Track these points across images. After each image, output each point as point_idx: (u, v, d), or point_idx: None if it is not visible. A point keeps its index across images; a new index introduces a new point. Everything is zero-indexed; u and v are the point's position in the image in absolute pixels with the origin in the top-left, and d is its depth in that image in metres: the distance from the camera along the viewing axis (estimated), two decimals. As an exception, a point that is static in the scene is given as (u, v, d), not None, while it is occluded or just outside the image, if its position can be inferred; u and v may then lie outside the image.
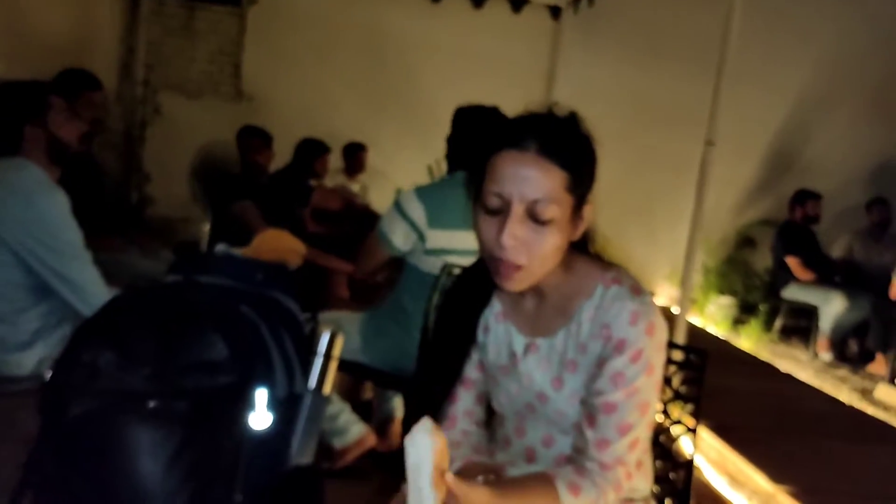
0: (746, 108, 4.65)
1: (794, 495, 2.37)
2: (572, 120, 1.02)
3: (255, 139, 3.34)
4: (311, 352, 1.20)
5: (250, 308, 1.16)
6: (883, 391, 3.81)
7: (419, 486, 0.84)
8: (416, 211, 1.88)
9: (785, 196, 4.95)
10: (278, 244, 1.49)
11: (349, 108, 5.32)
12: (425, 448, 0.84)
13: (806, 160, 5.45)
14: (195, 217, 4.10)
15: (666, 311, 4.24)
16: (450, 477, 0.87)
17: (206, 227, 3.29)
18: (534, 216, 0.95)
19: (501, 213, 0.96)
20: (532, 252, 0.96)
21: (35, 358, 1.62)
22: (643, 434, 1.04)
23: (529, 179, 0.95)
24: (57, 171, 1.67)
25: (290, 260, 1.47)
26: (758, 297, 5.31)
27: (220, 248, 1.39)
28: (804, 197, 4.78)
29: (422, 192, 1.93)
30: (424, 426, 0.87)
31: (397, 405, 2.36)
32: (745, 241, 5.71)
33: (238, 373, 1.05)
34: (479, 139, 1.77)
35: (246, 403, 1.09)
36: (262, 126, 3.48)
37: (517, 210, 0.95)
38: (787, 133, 5.50)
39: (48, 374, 1.01)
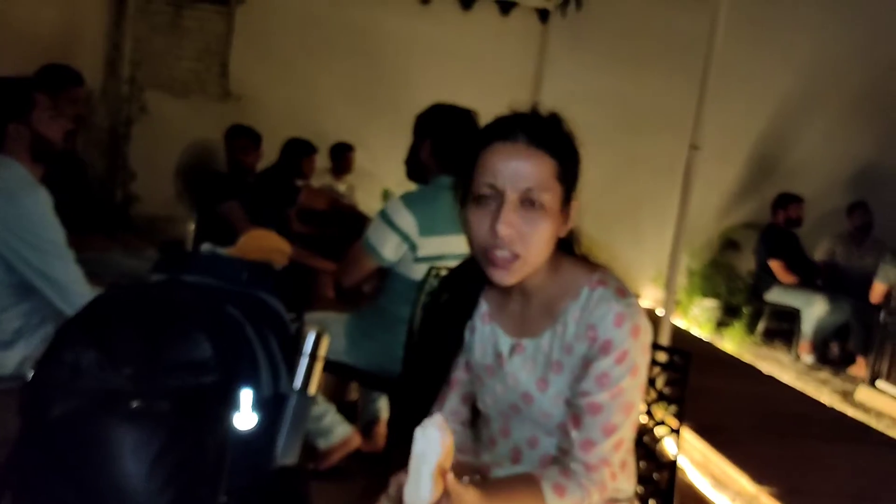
0: (730, 114, 4.71)
1: (777, 496, 2.39)
2: (556, 117, 1.05)
3: (243, 139, 3.33)
4: (297, 352, 1.20)
5: (235, 308, 1.16)
6: (863, 393, 3.87)
7: (419, 475, 0.86)
8: (406, 221, 1.85)
9: (767, 200, 5.01)
10: (264, 244, 1.49)
11: (337, 108, 5.32)
12: (434, 441, 0.86)
13: (788, 164, 5.52)
14: (180, 216, 4.07)
15: (651, 313, 4.28)
16: (450, 477, 0.88)
17: (192, 227, 3.27)
18: (527, 203, 0.97)
19: (494, 204, 0.97)
20: (526, 241, 0.97)
21: (17, 357, 1.61)
22: (628, 435, 1.05)
23: (522, 168, 0.97)
24: (40, 169, 1.65)
25: (276, 260, 1.46)
26: (741, 299, 5.37)
27: (206, 247, 1.39)
28: (786, 200, 4.83)
29: (409, 201, 1.89)
30: (437, 421, 0.88)
31: (382, 406, 2.36)
32: (729, 245, 5.78)
33: (222, 372, 1.05)
34: (464, 138, 1.76)
35: (230, 403, 1.09)
36: (251, 126, 3.46)
37: (511, 198, 0.96)
38: (769, 138, 5.57)
39: (30, 374, 1.00)
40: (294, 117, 4.87)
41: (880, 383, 3.81)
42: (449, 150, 1.91)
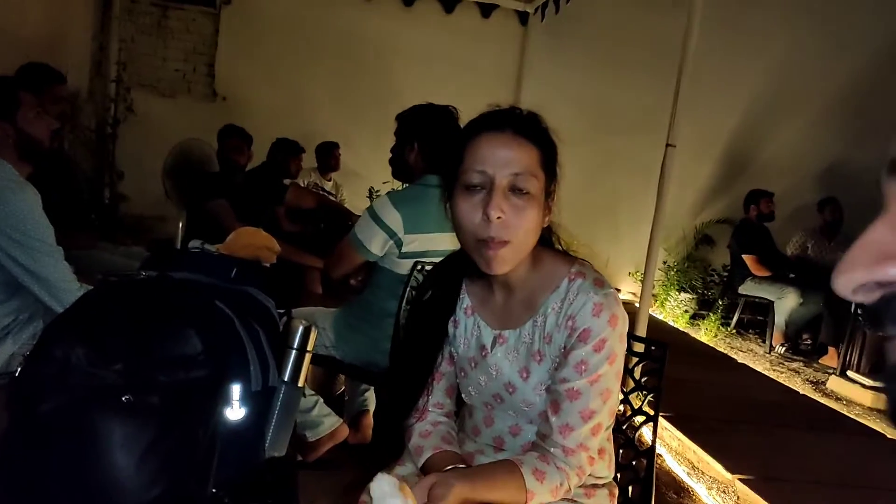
0: (705, 113, 4.81)
1: (751, 483, 2.44)
2: (535, 114, 1.09)
3: (235, 139, 3.33)
4: (285, 345, 1.22)
5: (224, 303, 1.17)
6: (834, 382, 3.98)
7: None
8: (393, 218, 1.88)
9: (740, 196, 5.11)
10: (252, 241, 1.50)
11: (322, 108, 5.34)
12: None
13: (760, 162, 5.65)
14: (169, 215, 4.06)
15: (629, 306, 4.34)
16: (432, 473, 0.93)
17: (181, 225, 3.27)
18: (516, 189, 1.00)
19: (484, 191, 1.00)
20: (516, 227, 1.00)
21: (5, 354, 1.61)
22: (605, 420, 1.08)
23: (510, 155, 1.01)
24: (27, 167, 1.65)
25: (264, 257, 1.48)
26: (715, 292, 5.49)
27: (194, 243, 1.41)
28: (758, 196, 4.93)
29: (397, 199, 1.92)
30: (388, 489, 0.90)
31: (370, 398, 2.39)
32: (704, 240, 5.90)
33: (212, 367, 1.06)
34: (448, 137, 1.79)
35: (220, 397, 1.10)
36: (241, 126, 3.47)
37: (501, 184, 1.00)
38: (742, 136, 5.69)
39: (18, 370, 1.01)
40: (279, 117, 4.89)
41: (851, 373, 3.91)
42: (435, 150, 1.94)
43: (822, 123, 5.39)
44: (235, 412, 1.12)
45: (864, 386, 3.77)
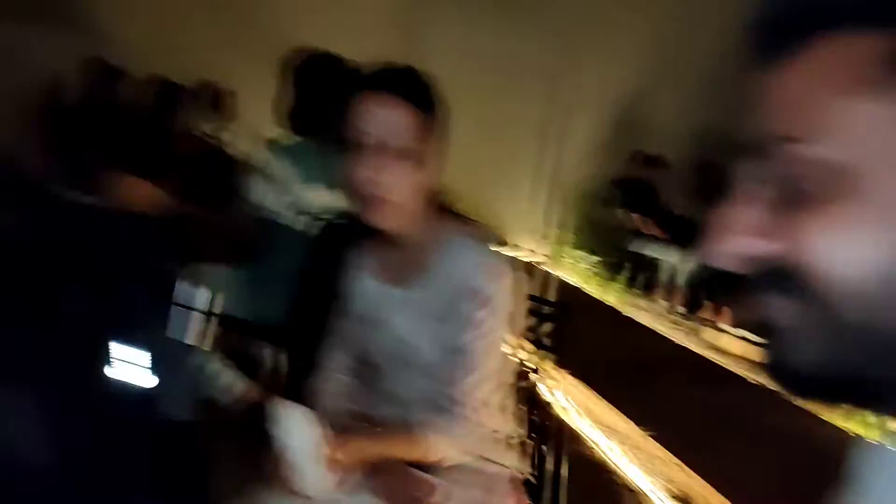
0: (601, 74, 4.90)
1: (656, 436, 2.62)
2: (414, 70, 1.08)
3: (104, 74, 2.98)
4: (185, 306, 1.17)
5: (115, 260, 1.11)
6: (720, 338, 4.31)
7: (301, 468, 0.92)
8: (288, 172, 1.82)
9: (631, 156, 5.29)
10: (137, 193, 1.41)
11: (202, 45, 4.88)
12: (301, 433, 0.93)
13: (646, 124, 5.88)
14: (34, 164, 3.63)
15: (528, 266, 4.49)
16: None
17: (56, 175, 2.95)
18: (397, 151, 1.01)
19: (367, 151, 1.01)
20: (398, 186, 1.02)
21: None
22: (495, 373, 1.14)
23: (391, 117, 1.01)
24: None
25: (151, 210, 1.39)
26: (612, 251, 5.78)
27: (72, 195, 1.30)
28: (644, 158, 5.21)
29: (292, 152, 1.85)
30: (299, 415, 0.93)
31: (279, 358, 2.34)
32: (601, 199, 6.15)
33: (100, 328, 1.06)
34: (340, 89, 1.74)
35: (110, 359, 1.06)
36: (110, 58, 3.10)
37: (381, 144, 1.01)
38: (632, 98, 5.90)
39: None
40: (157, 52, 4.43)
41: (735, 329, 4.24)
42: (322, 104, 1.87)
43: (702, 86, 5.65)
44: (134, 375, 1.08)
45: (747, 340, 4.07)
